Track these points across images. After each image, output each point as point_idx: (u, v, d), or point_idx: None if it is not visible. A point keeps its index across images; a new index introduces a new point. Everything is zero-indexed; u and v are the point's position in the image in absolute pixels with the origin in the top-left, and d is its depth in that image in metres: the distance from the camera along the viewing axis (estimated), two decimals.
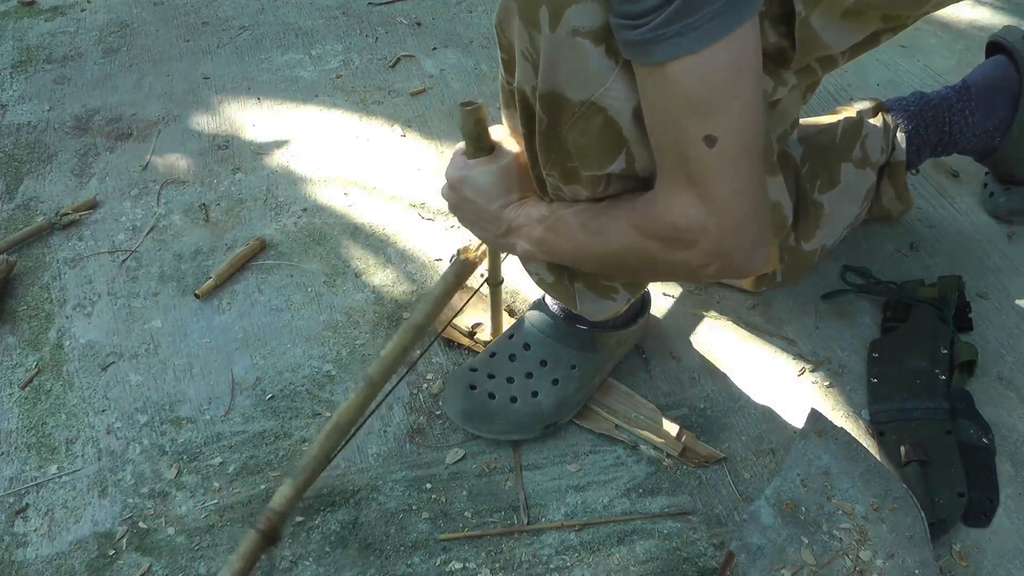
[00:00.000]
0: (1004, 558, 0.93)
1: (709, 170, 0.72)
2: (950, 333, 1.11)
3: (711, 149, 0.70)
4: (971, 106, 1.21)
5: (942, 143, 1.23)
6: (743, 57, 0.69)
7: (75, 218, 1.35)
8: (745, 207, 0.75)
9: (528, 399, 1.03)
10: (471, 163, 0.91)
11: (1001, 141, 1.22)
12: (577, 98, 0.76)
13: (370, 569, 0.94)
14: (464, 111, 0.87)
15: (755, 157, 0.74)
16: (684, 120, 0.70)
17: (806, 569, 0.89)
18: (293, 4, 1.86)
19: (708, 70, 0.68)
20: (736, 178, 0.73)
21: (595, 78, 0.74)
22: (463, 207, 0.93)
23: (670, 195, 0.76)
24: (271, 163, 1.47)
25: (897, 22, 0.88)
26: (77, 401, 1.12)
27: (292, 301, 1.23)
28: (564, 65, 0.74)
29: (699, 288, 1.23)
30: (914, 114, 1.22)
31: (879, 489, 0.94)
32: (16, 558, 0.96)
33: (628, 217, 0.81)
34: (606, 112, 0.76)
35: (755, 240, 0.78)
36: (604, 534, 0.97)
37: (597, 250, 0.85)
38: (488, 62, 1.68)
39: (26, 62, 1.72)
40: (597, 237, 0.84)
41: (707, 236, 0.75)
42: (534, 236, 0.89)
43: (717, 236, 0.75)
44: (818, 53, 0.83)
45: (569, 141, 0.79)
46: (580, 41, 0.72)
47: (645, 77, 0.71)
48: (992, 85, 1.21)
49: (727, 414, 1.08)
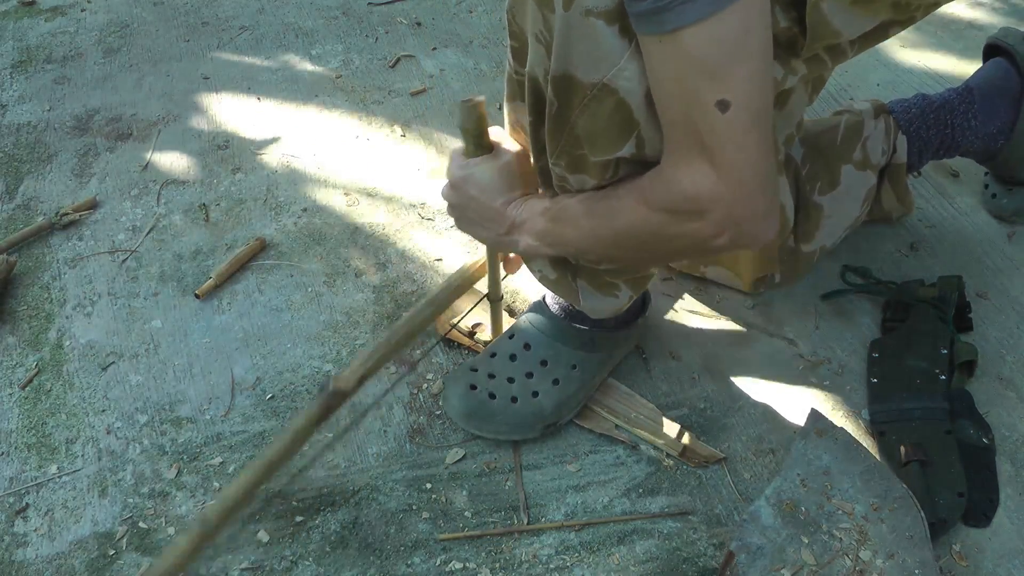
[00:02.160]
0: (1004, 558, 0.93)
1: (722, 136, 0.72)
2: (950, 333, 1.11)
3: (724, 114, 0.70)
4: (973, 109, 1.21)
5: (944, 145, 1.23)
6: (754, 21, 0.69)
7: (75, 218, 1.35)
8: (757, 174, 0.75)
9: (528, 399, 1.03)
10: (472, 161, 0.91)
11: (1004, 144, 1.22)
12: (589, 80, 0.76)
13: (370, 569, 0.94)
14: (465, 107, 0.87)
15: (766, 125, 0.74)
16: (696, 87, 0.70)
17: (806, 569, 0.89)
18: (293, 4, 1.86)
19: (720, 34, 0.68)
20: (748, 145, 0.73)
21: (608, 59, 0.74)
22: (465, 207, 0.93)
23: (680, 165, 0.75)
24: (271, 163, 1.47)
25: (907, 13, 0.88)
26: (77, 401, 1.12)
27: (292, 301, 1.24)
28: (577, 45, 0.74)
29: (699, 288, 1.23)
30: (916, 116, 1.21)
31: (879, 489, 0.94)
32: (16, 558, 0.96)
33: (635, 194, 0.81)
34: (617, 94, 0.76)
35: (766, 208, 0.78)
36: (604, 534, 0.97)
37: (604, 233, 0.84)
38: (488, 62, 1.68)
39: (26, 62, 1.72)
40: (603, 220, 0.83)
41: (719, 204, 0.75)
42: (537, 229, 0.89)
43: (729, 203, 0.74)
44: (828, 40, 0.83)
45: (579, 126, 0.79)
46: (593, 21, 0.72)
47: (656, 48, 0.71)
48: (994, 88, 1.21)
49: (727, 414, 1.08)
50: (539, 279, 1.01)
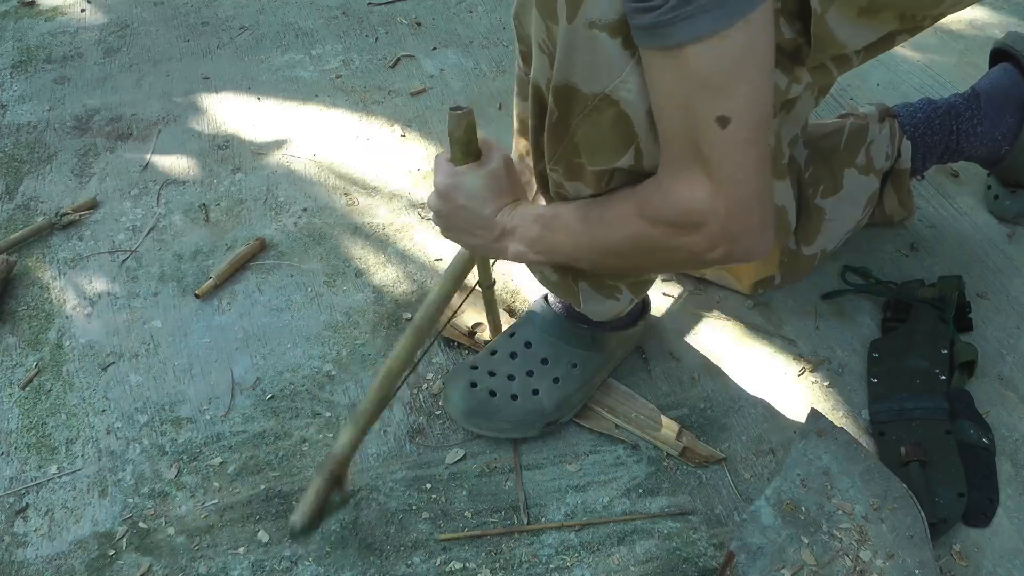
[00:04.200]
0: (1004, 558, 0.93)
1: (720, 151, 0.72)
2: (950, 333, 1.11)
3: (723, 130, 0.70)
4: (980, 115, 1.20)
5: (948, 150, 1.23)
6: (758, 39, 0.69)
7: (75, 218, 1.35)
8: (754, 190, 0.75)
9: (529, 397, 1.03)
10: (460, 170, 0.89)
11: (1009, 150, 1.22)
12: (590, 90, 0.76)
13: (370, 569, 0.94)
14: (454, 115, 0.86)
15: (764, 141, 0.74)
16: (697, 101, 0.70)
17: (806, 569, 0.89)
18: (293, 4, 1.86)
19: (724, 52, 0.68)
20: (746, 160, 0.73)
21: (610, 71, 0.74)
22: (454, 215, 0.91)
23: (678, 179, 0.76)
24: (271, 163, 1.47)
25: (913, 23, 0.88)
26: (77, 401, 1.12)
27: (292, 301, 1.24)
28: (580, 57, 0.74)
29: (699, 288, 1.23)
30: (921, 121, 1.21)
31: (879, 489, 0.94)
32: (16, 558, 0.96)
33: (631, 204, 0.81)
34: (619, 106, 0.76)
35: (761, 223, 0.78)
36: (604, 534, 0.97)
37: (597, 242, 0.84)
38: (488, 62, 1.68)
39: (26, 62, 1.72)
40: (597, 227, 0.83)
41: (715, 218, 0.75)
42: (529, 236, 0.88)
43: (725, 218, 0.75)
44: (833, 51, 0.83)
45: (579, 135, 0.79)
46: (597, 33, 0.72)
47: (657, 61, 0.71)
48: (1001, 93, 1.21)
49: (727, 414, 1.08)
50: (540, 280, 1.01)
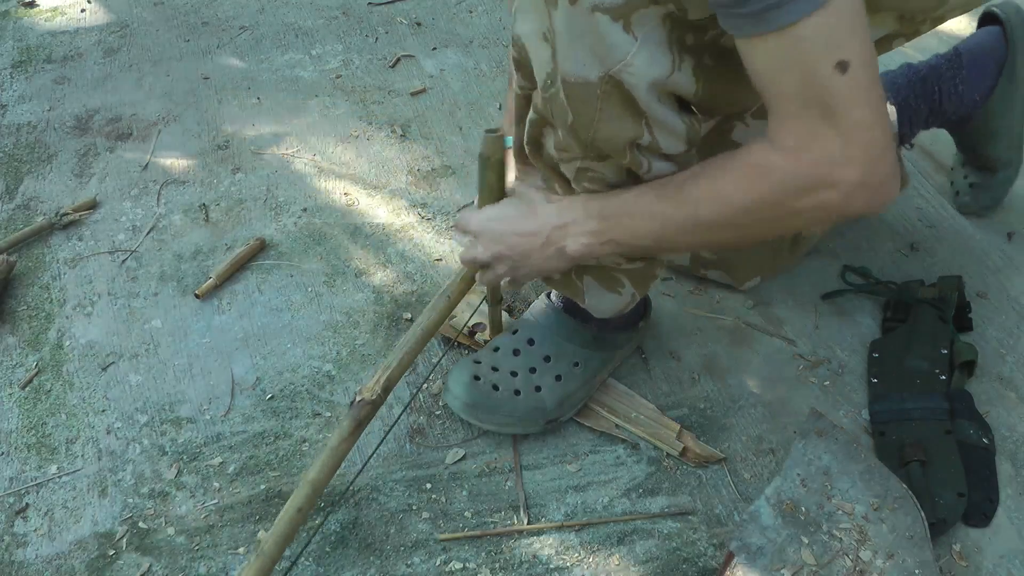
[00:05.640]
0: (1004, 558, 0.93)
1: (846, 97, 0.70)
2: (950, 333, 1.11)
3: (844, 75, 0.69)
4: (961, 74, 1.21)
5: (932, 112, 1.23)
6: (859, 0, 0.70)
7: (75, 218, 1.35)
8: (883, 132, 0.73)
9: (532, 393, 1.03)
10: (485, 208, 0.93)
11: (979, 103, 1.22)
12: (596, 75, 0.76)
13: (370, 569, 0.94)
14: (489, 139, 0.87)
15: (880, 84, 0.73)
16: (814, 60, 0.69)
17: (806, 569, 0.89)
18: (293, 4, 1.86)
19: (834, 14, 0.67)
20: (871, 103, 0.72)
21: (612, 54, 0.75)
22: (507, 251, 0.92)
23: (803, 139, 0.74)
24: (271, 163, 1.47)
25: (912, 27, 0.88)
26: (77, 401, 1.12)
27: (292, 301, 1.23)
28: (582, 40, 0.75)
29: (699, 288, 1.23)
30: (903, 86, 1.22)
31: (879, 489, 0.94)
32: (16, 558, 0.96)
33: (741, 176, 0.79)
34: (622, 86, 0.76)
35: (893, 168, 0.76)
36: (604, 534, 0.97)
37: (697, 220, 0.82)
38: (488, 62, 1.68)
39: (26, 62, 1.72)
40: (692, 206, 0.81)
41: (853, 169, 0.73)
42: (589, 227, 0.87)
43: (863, 166, 0.73)
44: None
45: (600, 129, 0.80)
46: (600, 16, 0.73)
47: (761, 45, 0.70)
48: (983, 53, 1.22)
49: (727, 414, 1.08)
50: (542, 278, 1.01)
